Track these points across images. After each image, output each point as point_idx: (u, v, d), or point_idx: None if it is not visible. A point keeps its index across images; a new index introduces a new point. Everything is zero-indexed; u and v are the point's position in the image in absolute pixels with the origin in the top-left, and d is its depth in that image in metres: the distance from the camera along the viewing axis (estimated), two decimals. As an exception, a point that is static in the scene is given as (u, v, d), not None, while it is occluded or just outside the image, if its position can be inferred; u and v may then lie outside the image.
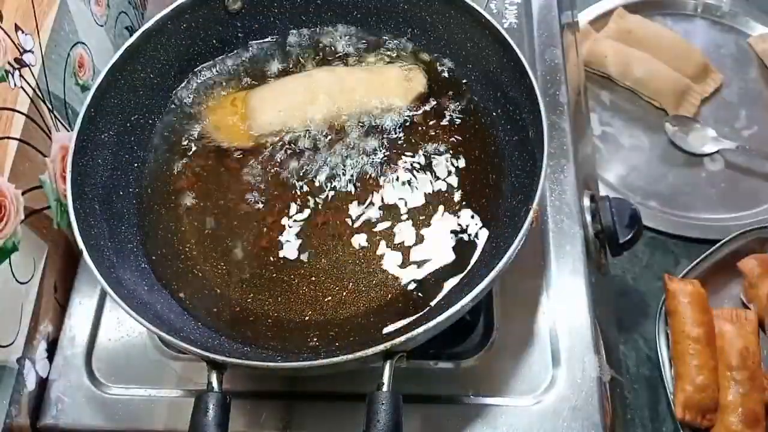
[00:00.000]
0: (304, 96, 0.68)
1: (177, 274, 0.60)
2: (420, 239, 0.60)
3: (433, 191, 0.63)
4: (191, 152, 0.67)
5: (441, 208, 0.62)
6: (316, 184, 0.64)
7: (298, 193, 0.64)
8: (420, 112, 0.67)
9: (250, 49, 0.72)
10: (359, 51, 0.71)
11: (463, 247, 0.60)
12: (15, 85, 0.60)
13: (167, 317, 0.57)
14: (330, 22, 0.73)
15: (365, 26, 0.72)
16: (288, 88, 0.69)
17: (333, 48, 0.72)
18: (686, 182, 0.96)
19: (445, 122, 0.67)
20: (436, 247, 0.60)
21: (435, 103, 0.68)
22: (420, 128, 0.66)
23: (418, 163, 0.65)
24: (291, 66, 0.71)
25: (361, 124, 0.67)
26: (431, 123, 0.67)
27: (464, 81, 0.69)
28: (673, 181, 0.96)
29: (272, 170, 0.65)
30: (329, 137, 0.66)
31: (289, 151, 0.66)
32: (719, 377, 0.77)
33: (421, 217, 0.62)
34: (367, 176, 0.64)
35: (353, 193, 0.63)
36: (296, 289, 0.59)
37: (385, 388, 0.49)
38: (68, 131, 0.69)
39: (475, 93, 0.68)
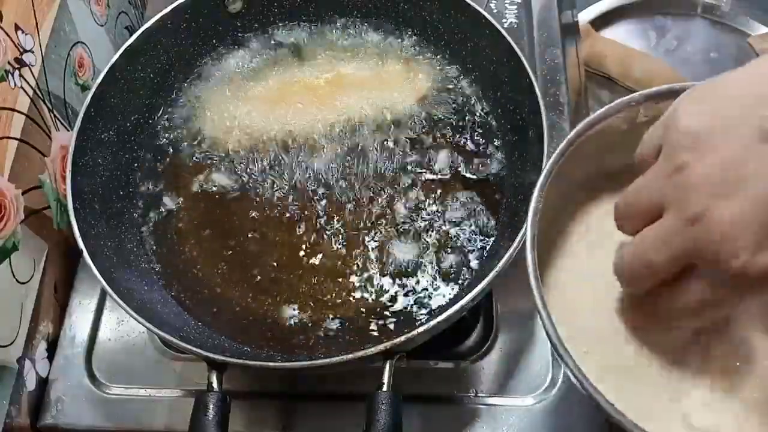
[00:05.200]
0: (303, 95, 0.68)
1: (177, 274, 0.60)
2: (420, 240, 0.60)
3: (432, 192, 0.63)
4: (190, 152, 0.67)
5: (440, 209, 0.62)
6: (316, 184, 0.64)
7: (298, 193, 0.64)
8: (421, 111, 0.67)
9: (251, 48, 0.72)
10: (359, 50, 0.71)
11: (463, 247, 0.60)
12: (15, 84, 0.60)
13: (167, 317, 0.57)
14: (330, 22, 0.73)
15: (365, 25, 0.72)
16: (286, 87, 0.69)
17: (333, 47, 0.72)
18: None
19: (445, 122, 0.67)
20: (435, 249, 0.60)
21: (435, 102, 0.68)
22: (421, 127, 0.66)
23: (418, 163, 0.64)
24: (291, 65, 0.71)
25: (362, 123, 0.67)
26: (431, 122, 0.67)
27: (464, 81, 0.69)
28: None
29: (271, 170, 0.65)
30: (330, 137, 0.66)
31: (287, 151, 0.66)
32: None
33: (420, 218, 0.62)
34: (368, 176, 0.64)
35: (354, 193, 0.63)
36: (296, 290, 0.59)
37: (385, 388, 0.49)
38: (68, 131, 0.68)
39: (475, 93, 0.68)
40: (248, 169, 0.65)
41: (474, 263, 0.59)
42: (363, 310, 0.58)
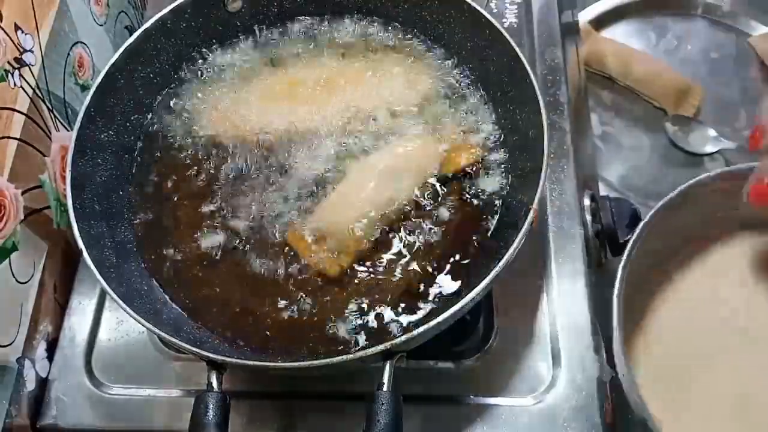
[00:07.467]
0: (302, 94, 0.68)
1: (177, 274, 0.60)
2: (419, 241, 0.60)
3: (433, 192, 0.63)
4: (191, 151, 0.67)
5: (440, 209, 0.62)
6: (317, 183, 0.64)
7: (299, 192, 0.64)
8: (421, 111, 0.67)
9: (250, 47, 0.72)
10: (359, 49, 0.71)
11: (463, 248, 0.60)
12: (15, 84, 0.60)
13: (167, 317, 0.57)
14: (329, 21, 0.73)
15: (365, 25, 0.72)
16: (286, 86, 0.69)
17: (333, 46, 0.72)
18: (687, 182, 0.96)
19: (446, 122, 0.66)
20: (435, 249, 0.60)
21: (435, 102, 0.68)
22: (421, 128, 0.66)
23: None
24: (291, 64, 0.71)
25: (362, 122, 0.67)
26: (432, 123, 0.66)
27: (464, 81, 0.68)
28: (674, 181, 0.95)
29: (272, 169, 0.65)
30: (330, 136, 0.66)
31: (287, 150, 0.66)
32: None
33: (420, 219, 0.61)
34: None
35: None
36: (296, 290, 0.59)
37: (385, 388, 0.49)
38: (68, 131, 0.68)
39: (475, 93, 0.68)
40: (249, 168, 0.65)
41: (474, 264, 0.59)
42: (362, 310, 0.57)
